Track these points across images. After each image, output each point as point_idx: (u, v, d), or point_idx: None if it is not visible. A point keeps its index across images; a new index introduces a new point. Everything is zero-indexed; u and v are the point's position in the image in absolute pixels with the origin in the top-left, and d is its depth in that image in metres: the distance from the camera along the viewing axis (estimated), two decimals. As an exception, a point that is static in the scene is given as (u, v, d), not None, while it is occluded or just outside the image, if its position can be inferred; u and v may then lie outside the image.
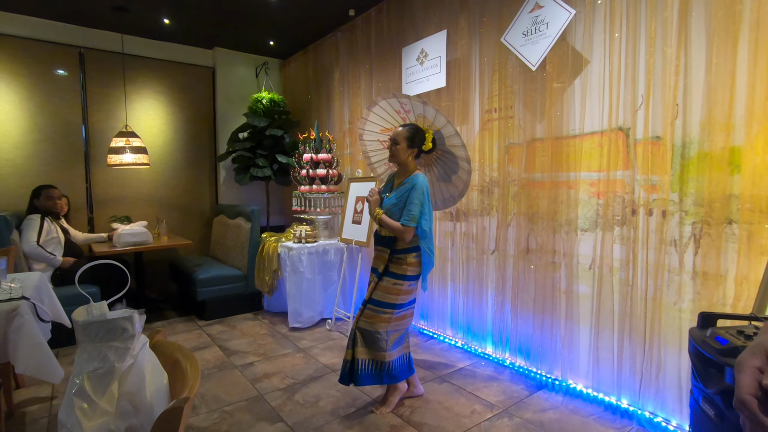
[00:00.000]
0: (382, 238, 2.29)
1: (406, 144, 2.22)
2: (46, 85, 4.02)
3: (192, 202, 4.94)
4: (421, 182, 2.17)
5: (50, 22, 4.00)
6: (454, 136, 2.32)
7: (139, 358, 0.78)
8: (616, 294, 2.25)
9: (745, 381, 0.53)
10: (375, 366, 2.24)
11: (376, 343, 2.22)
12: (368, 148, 2.68)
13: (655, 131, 2.07)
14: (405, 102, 2.37)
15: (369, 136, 2.62)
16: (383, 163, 2.70)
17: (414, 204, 2.13)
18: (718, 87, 1.84)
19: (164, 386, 0.82)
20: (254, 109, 4.70)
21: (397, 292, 2.21)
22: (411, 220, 2.12)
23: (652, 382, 2.10)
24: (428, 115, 2.31)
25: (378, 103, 2.46)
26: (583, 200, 2.40)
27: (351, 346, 2.24)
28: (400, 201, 2.19)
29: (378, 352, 2.23)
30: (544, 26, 2.45)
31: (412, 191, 2.16)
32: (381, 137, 2.61)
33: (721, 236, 1.87)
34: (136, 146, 3.91)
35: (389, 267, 2.22)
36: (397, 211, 2.19)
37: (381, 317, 2.21)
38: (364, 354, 2.23)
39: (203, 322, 3.83)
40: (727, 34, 1.81)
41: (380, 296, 2.22)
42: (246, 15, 3.96)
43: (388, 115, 2.50)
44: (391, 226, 2.17)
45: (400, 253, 2.21)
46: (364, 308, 2.25)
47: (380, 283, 2.22)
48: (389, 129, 2.52)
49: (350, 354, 2.24)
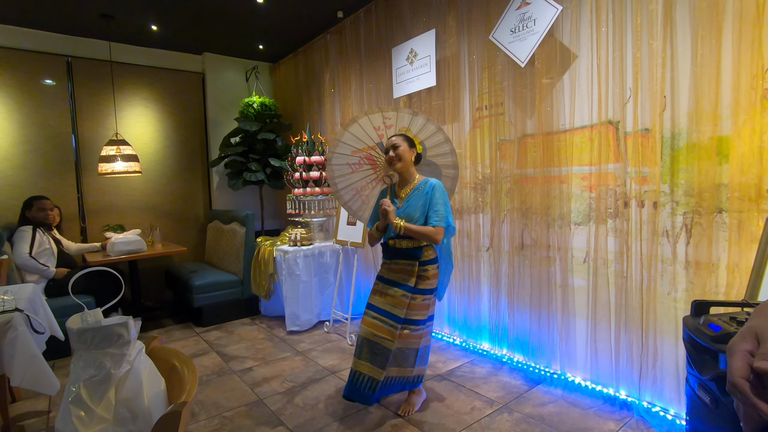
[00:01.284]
0: (404, 250, 2.16)
1: (407, 144, 2.15)
2: (34, 96, 3.99)
3: (185, 209, 4.92)
4: (438, 183, 2.13)
5: (36, 31, 3.97)
6: (443, 144, 2.30)
7: (136, 364, 0.77)
8: (611, 286, 2.27)
9: (736, 364, 0.54)
10: (401, 381, 2.23)
11: (407, 360, 2.19)
12: (335, 173, 2.39)
13: (644, 123, 2.09)
14: (390, 116, 2.29)
15: (338, 159, 2.38)
16: (351, 188, 2.44)
17: (440, 204, 2.08)
18: (704, 78, 1.87)
19: (162, 391, 0.81)
20: (245, 113, 4.69)
21: (427, 306, 2.19)
22: (441, 219, 2.07)
23: (650, 372, 2.12)
24: (414, 127, 2.27)
25: (357, 121, 2.31)
26: (576, 194, 2.42)
27: (381, 366, 2.09)
28: (423, 206, 2.11)
29: (408, 369, 2.21)
30: (531, 23, 2.47)
31: (434, 192, 2.10)
32: (350, 159, 2.39)
33: (712, 225, 1.89)
34: (127, 154, 3.89)
35: (419, 284, 2.14)
36: (419, 218, 2.11)
37: (415, 335, 2.18)
38: (396, 372, 2.20)
39: (200, 329, 3.81)
40: (711, 25, 1.83)
41: (414, 315, 2.15)
42: (234, 19, 3.96)
43: (365, 133, 2.34)
44: (421, 232, 2.06)
45: (426, 265, 2.16)
46: (402, 327, 2.14)
47: (413, 303, 2.15)
48: (361, 150, 2.37)
49: (380, 374, 2.10)
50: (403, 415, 2.24)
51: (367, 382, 2.10)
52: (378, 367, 2.10)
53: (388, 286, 2.18)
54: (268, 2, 3.61)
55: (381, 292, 2.20)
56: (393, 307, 2.13)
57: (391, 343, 2.11)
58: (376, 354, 2.10)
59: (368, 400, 2.13)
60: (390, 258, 2.23)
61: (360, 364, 2.13)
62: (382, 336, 2.11)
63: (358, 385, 2.11)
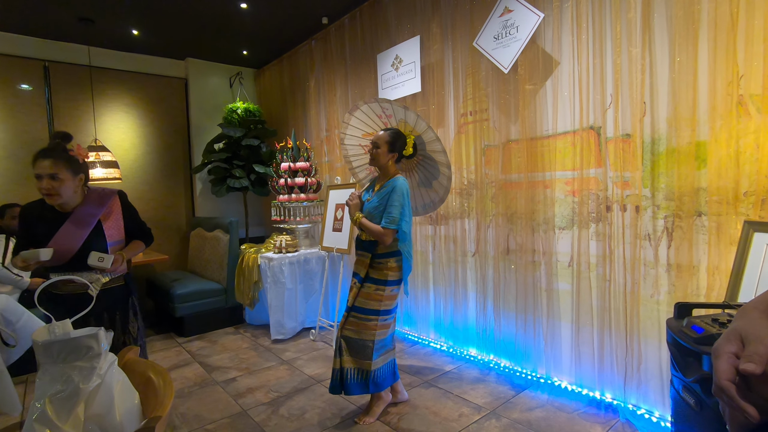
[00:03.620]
0: (362, 242, 2.27)
1: (387, 148, 2.21)
2: (10, 100, 3.88)
3: (168, 216, 4.82)
4: (400, 185, 2.17)
5: (12, 35, 3.86)
6: (435, 141, 2.33)
7: (107, 378, 0.73)
8: (595, 290, 2.29)
9: (722, 367, 0.53)
10: (361, 375, 2.21)
11: (362, 351, 2.20)
12: (349, 153, 2.64)
13: (624, 129, 2.12)
14: (386, 107, 2.36)
15: (350, 140, 2.59)
16: (365, 167, 2.66)
17: (394, 206, 2.12)
18: (682, 85, 1.91)
19: (135, 406, 0.78)
20: (229, 119, 4.63)
21: (380, 297, 2.19)
22: (391, 222, 2.11)
23: (634, 375, 2.14)
24: (409, 120, 2.31)
25: (360, 107, 2.42)
26: (560, 199, 2.44)
27: (338, 355, 2.22)
28: (381, 204, 2.17)
29: (363, 361, 2.20)
30: (514, 30, 2.50)
31: (392, 193, 2.14)
32: (362, 141, 2.57)
33: (692, 229, 1.92)
34: (107, 160, 3.80)
35: (370, 272, 2.21)
36: (378, 215, 2.17)
37: (366, 324, 2.19)
38: (351, 363, 2.21)
39: (182, 339, 3.71)
40: (688, 33, 1.88)
41: (363, 303, 2.20)
42: (218, 25, 3.92)
43: (370, 119, 2.47)
44: (371, 230, 2.15)
45: (381, 258, 2.20)
46: (348, 316, 2.23)
47: (362, 290, 2.21)
48: (371, 133, 2.50)
49: (338, 363, 2.21)
50: (359, 422, 2.23)
51: (334, 371, 2.24)
52: (336, 357, 2.23)
53: (354, 281, 2.30)
54: (253, 8, 3.58)
55: (350, 288, 2.31)
56: (350, 299, 2.27)
57: (341, 330, 2.24)
58: (337, 344, 2.25)
59: (334, 389, 2.22)
60: (356, 248, 2.34)
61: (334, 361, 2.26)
62: (342, 327, 2.26)
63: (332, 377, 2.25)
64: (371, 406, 2.29)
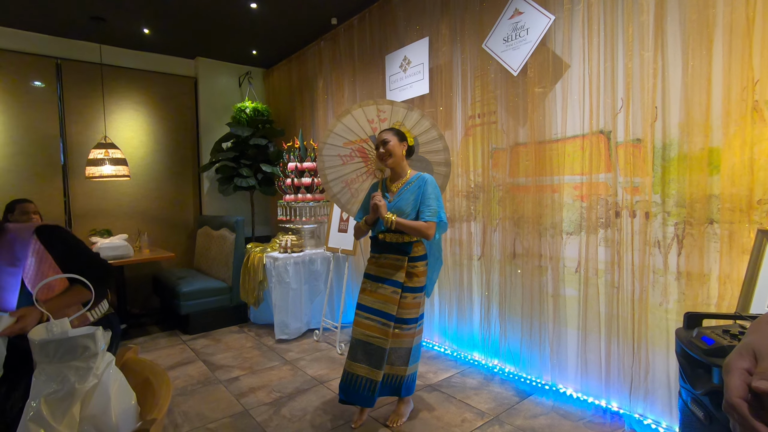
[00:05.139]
0: (392, 245, 2.14)
1: (397, 138, 2.11)
2: (22, 97, 3.92)
3: (175, 214, 4.85)
4: (430, 178, 2.12)
5: (26, 32, 3.92)
6: (436, 140, 2.30)
7: (104, 378, 0.73)
8: (602, 296, 2.25)
9: (733, 383, 0.51)
10: (395, 379, 2.20)
11: (400, 358, 2.17)
12: (326, 165, 2.37)
13: (635, 134, 2.09)
14: (385, 109, 2.27)
15: (329, 150, 2.36)
16: (341, 180, 2.43)
17: (431, 198, 2.07)
18: (695, 89, 1.87)
19: (132, 407, 0.77)
20: (237, 118, 4.65)
21: (418, 304, 2.18)
22: (433, 214, 2.06)
23: (641, 384, 2.10)
24: (408, 122, 2.26)
25: (351, 112, 2.28)
26: (567, 203, 2.41)
27: (377, 366, 2.08)
28: (414, 201, 2.09)
29: (400, 367, 2.18)
30: (524, 32, 2.47)
31: (426, 187, 2.09)
32: (342, 151, 2.37)
33: (703, 236, 1.88)
34: (116, 158, 3.83)
35: (407, 281, 2.13)
36: (411, 213, 2.09)
37: (408, 333, 2.16)
38: (388, 370, 2.18)
39: (187, 337, 3.73)
40: (702, 37, 1.84)
41: (406, 313, 2.14)
42: (228, 24, 3.93)
43: (358, 125, 2.31)
44: (413, 226, 2.03)
45: (416, 261, 2.15)
46: (393, 327, 2.11)
47: (404, 301, 2.13)
48: (353, 142, 2.35)
49: (379, 374, 2.09)
50: (392, 425, 2.20)
51: (365, 383, 2.08)
52: (374, 367, 2.08)
53: (378, 284, 2.15)
54: (262, 8, 3.59)
55: (370, 290, 2.17)
56: (384, 305, 2.11)
57: (385, 341, 2.09)
58: (371, 354, 2.09)
59: (369, 402, 2.10)
60: (379, 252, 2.20)
61: (356, 366, 2.11)
62: (375, 336, 2.10)
63: (357, 387, 2.09)
64: (400, 407, 2.27)
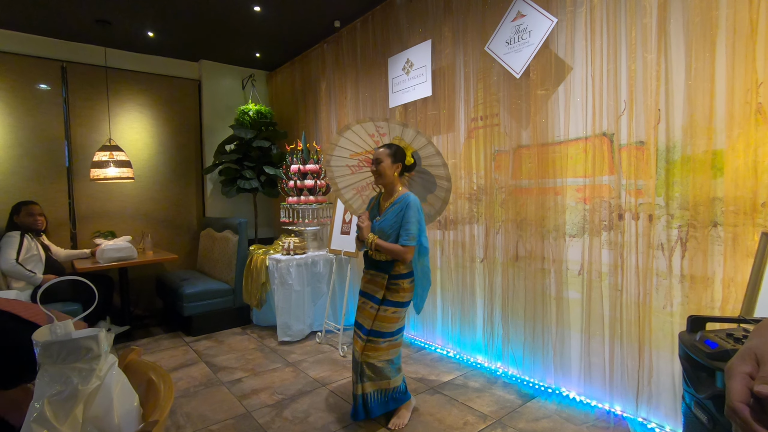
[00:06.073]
0: (376, 262, 2.21)
1: (390, 160, 2.17)
2: (28, 100, 3.95)
3: (178, 216, 4.87)
4: (414, 200, 2.13)
5: (32, 36, 3.95)
6: (435, 156, 2.29)
7: (107, 380, 0.73)
8: (606, 299, 2.24)
9: (735, 388, 0.51)
10: (382, 395, 2.21)
11: (381, 373, 2.19)
12: (335, 174, 2.53)
13: (638, 136, 2.08)
14: (382, 126, 2.30)
15: (336, 161, 2.48)
16: (351, 188, 2.58)
17: (411, 222, 2.09)
18: (699, 91, 1.87)
19: (135, 408, 0.77)
20: (241, 120, 4.67)
21: (396, 319, 2.19)
22: (411, 239, 2.08)
23: (645, 388, 2.09)
24: (406, 137, 2.27)
25: (351, 128, 2.34)
26: (570, 206, 2.41)
27: (360, 381, 2.18)
28: (395, 222, 2.12)
29: (383, 381, 2.20)
30: (526, 34, 2.47)
31: (407, 210, 2.11)
32: (349, 162, 2.48)
33: (707, 239, 1.87)
34: (120, 160, 3.85)
35: (387, 295, 2.16)
36: (392, 233, 2.13)
37: (381, 347, 2.18)
38: (372, 387, 2.20)
39: (190, 338, 3.74)
40: (705, 39, 1.84)
41: (381, 326, 2.17)
42: (232, 27, 3.96)
43: (360, 139, 2.39)
44: (390, 249, 2.09)
45: (397, 279, 2.16)
46: (367, 341, 2.18)
47: (380, 314, 2.16)
48: (359, 153, 2.44)
49: (360, 389, 2.19)
50: (393, 428, 2.19)
51: (354, 397, 2.21)
52: (357, 383, 2.20)
53: (365, 300, 2.25)
54: (266, 11, 3.61)
55: (361, 307, 2.26)
56: (365, 320, 2.21)
57: (361, 355, 2.18)
58: (356, 370, 2.21)
59: (357, 415, 2.21)
60: (367, 267, 2.28)
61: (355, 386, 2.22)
62: (356, 350, 2.21)
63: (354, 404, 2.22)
64: (400, 409, 2.28)
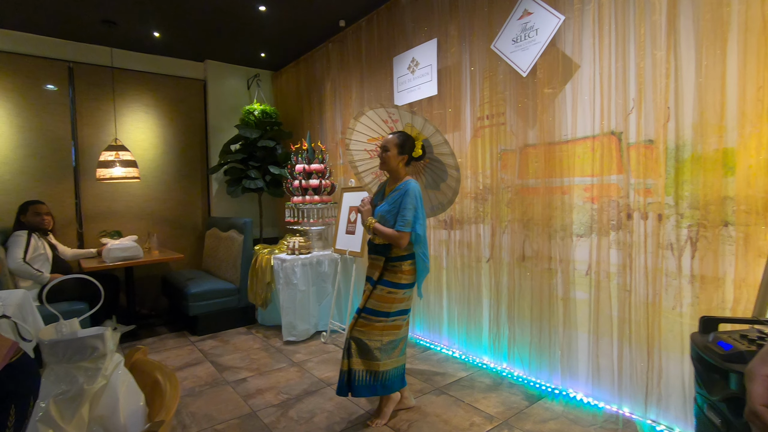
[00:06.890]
0: (376, 246, 2.26)
1: (397, 150, 2.22)
2: (35, 100, 3.98)
3: (184, 216, 4.88)
4: (413, 187, 2.16)
5: (38, 36, 3.97)
6: (443, 144, 2.30)
7: (113, 379, 0.72)
8: (614, 300, 2.22)
9: (756, 391, 0.50)
10: (370, 376, 2.20)
11: (370, 353, 2.19)
12: (355, 158, 2.63)
13: (647, 135, 2.05)
14: (393, 112, 2.35)
15: (355, 145, 2.57)
16: (371, 172, 2.66)
17: (408, 209, 2.11)
18: (709, 89, 1.84)
19: (141, 407, 0.77)
20: (246, 120, 4.68)
21: (392, 300, 2.18)
22: (405, 225, 2.11)
23: (654, 390, 2.06)
24: (416, 125, 2.29)
25: (365, 113, 2.41)
26: (578, 205, 2.38)
27: (346, 356, 2.21)
28: (394, 208, 2.16)
29: (372, 362, 2.19)
30: (533, 32, 2.45)
31: (405, 197, 2.14)
32: (368, 146, 2.56)
33: (718, 239, 1.84)
34: (126, 160, 3.87)
35: (384, 275, 2.20)
36: (390, 218, 2.17)
37: (375, 326, 2.19)
38: (360, 364, 2.20)
39: (195, 338, 3.74)
40: (716, 36, 1.81)
41: (374, 305, 2.19)
42: (237, 27, 3.96)
43: (375, 124, 2.45)
44: (386, 234, 2.14)
45: (395, 261, 2.19)
46: (358, 317, 2.23)
47: (374, 292, 2.20)
48: (376, 138, 2.50)
49: (346, 364, 2.20)
50: (372, 425, 2.21)
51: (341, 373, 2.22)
52: (344, 358, 2.22)
53: (366, 284, 2.30)
54: (271, 11, 3.61)
55: (364, 291, 2.29)
56: (361, 301, 2.26)
57: (350, 331, 2.23)
58: (344, 346, 2.24)
59: (341, 391, 2.20)
60: (370, 252, 2.33)
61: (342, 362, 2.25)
62: (349, 327, 2.26)
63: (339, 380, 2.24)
64: (381, 408, 2.27)
